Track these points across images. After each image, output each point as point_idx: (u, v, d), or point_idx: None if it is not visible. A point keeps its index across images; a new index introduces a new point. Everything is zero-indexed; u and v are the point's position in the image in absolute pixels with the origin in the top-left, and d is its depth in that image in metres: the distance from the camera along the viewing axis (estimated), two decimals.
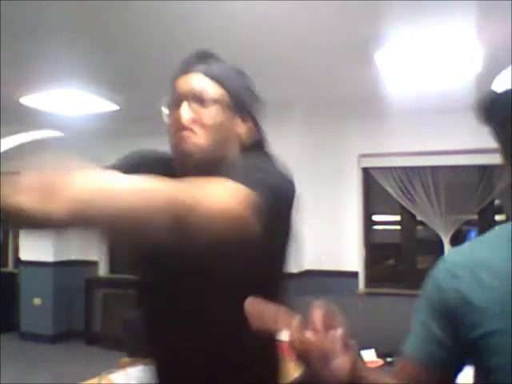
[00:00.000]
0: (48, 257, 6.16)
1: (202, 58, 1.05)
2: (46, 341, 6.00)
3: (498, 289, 0.81)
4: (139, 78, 4.17)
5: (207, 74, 1.03)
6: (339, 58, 3.59)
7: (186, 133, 1.00)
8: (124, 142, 6.13)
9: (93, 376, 2.28)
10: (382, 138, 5.04)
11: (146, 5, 2.68)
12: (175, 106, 1.02)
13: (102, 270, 6.44)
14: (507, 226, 0.88)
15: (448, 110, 4.44)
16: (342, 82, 4.21)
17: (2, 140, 0.73)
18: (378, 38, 3.10)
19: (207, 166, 0.98)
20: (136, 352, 2.94)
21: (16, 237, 6.70)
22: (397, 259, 5.43)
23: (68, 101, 4.58)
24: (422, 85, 3.98)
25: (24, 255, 6.30)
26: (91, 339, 5.97)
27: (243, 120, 1.06)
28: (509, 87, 0.85)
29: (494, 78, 1.28)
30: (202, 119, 1.00)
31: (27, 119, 5.55)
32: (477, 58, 3.32)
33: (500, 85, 0.87)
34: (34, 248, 6.23)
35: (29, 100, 4.59)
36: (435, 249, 4.89)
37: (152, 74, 4.05)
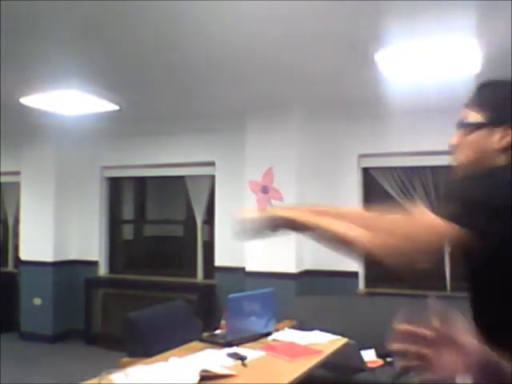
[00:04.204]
0: (48, 257, 6.16)
1: (476, 90, 1.30)
2: (46, 341, 6.00)
3: None
4: (139, 78, 4.16)
5: (471, 104, 1.28)
6: (339, 58, 3.59)
7: (452, 155, 1.30)
8: (124, 142, 6.18)
9: (93, 376, 2.27)
10: (382, 138, 5.03)
11: (146, 5, 2.68)
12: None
13: (102, 270, 6.44)
14: None
15: (448, 110, 4.43)
16: (342, 82, 4.21)
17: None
18: (377, 38, 3.10)
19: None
20: (136, 352, 2.94)
21: (16, 237, 6.70)
22: None
23: (68, 101, 4.58)
24: (422, 85, 3.98)
25: (24, 255, 6.30)
26: (91, 339, 5.97)
27: (504, 131, 1.20)
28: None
29: (493, 78, 1.29)
30: (461, 144, 1.27)
31: (27, 119, 5.56)
32: (477, 57, 3.32)
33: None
34: (33, 248, 6.23)
35: (29, 100, 4.59)
36: None
37: (152, 74, 4.05)
